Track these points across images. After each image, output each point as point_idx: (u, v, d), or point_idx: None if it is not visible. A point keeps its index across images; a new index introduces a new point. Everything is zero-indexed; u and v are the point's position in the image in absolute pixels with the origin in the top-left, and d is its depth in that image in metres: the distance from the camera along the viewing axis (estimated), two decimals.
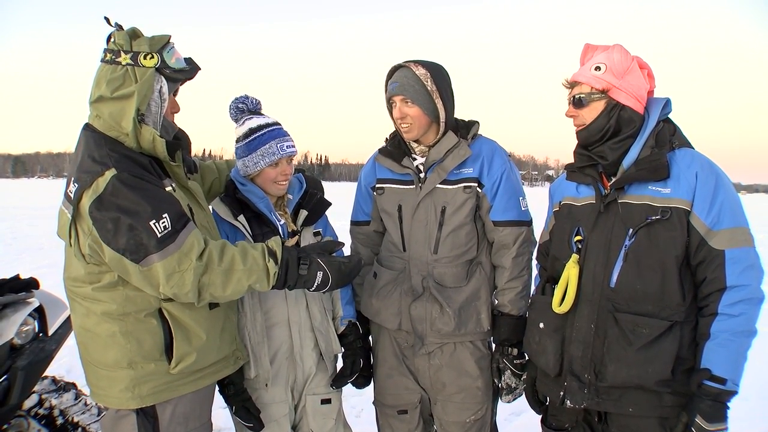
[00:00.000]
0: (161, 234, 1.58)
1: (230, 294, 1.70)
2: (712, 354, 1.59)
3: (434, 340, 2.11)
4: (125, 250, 1.58)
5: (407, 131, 2.07)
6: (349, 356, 2.20)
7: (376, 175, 2.24)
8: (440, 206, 2.07)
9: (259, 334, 2.02)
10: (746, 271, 1.59)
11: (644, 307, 1.66)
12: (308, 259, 1.80)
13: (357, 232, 2.37)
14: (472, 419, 2.14)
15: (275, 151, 2.02)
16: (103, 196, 1.57)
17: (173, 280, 1.60)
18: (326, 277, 1.82)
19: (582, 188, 1.86)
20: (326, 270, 1.82)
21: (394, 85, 2.04)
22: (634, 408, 1.69)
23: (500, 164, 2.10)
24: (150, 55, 1.68)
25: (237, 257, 1.68)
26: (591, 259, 1.75)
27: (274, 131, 2.04)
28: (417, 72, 2.03)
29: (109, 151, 1.63)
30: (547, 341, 1.83)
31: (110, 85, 1.66)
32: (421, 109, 2.04)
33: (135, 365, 1.68)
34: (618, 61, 1.73)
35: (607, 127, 1.73)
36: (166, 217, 1.60)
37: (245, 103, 2.08)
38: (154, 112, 1.73)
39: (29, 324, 2.52)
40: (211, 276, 1.64)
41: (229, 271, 1.67)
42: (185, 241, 1.61)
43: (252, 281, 1.70)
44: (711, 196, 1.62)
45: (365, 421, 3.44)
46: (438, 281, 2.08)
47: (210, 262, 1.64)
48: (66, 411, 2.80)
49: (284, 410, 2.08)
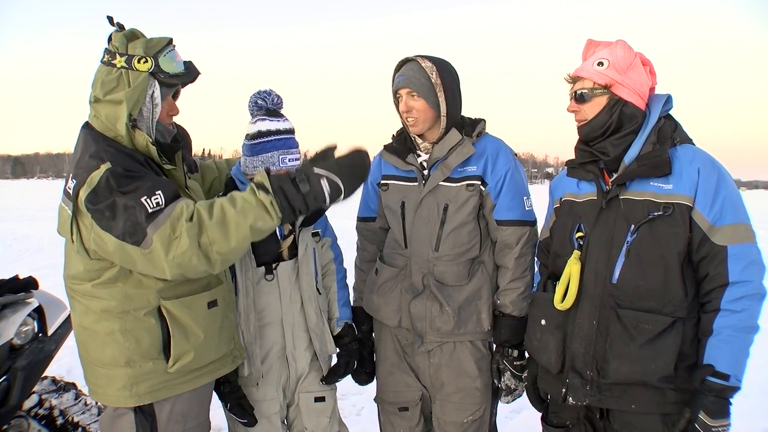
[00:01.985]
0: (152, 209, 1.55)
1: (236, 244, 1.59)
2: (715, 350, 1.58)
3: (434, 339, 2.11)
4: (124, 234, 1.55)
5: (413, 125, 2.07)
6: (343, 356, 2.20)
7: (381, 172, 2.23)
8: (443, 204, 2.07)
9: (252, 334, 2.02)
10: (749, 267, 1.59)
11: (646, 303, 1.66)
12: (303, 174, 1.61)
13: (364, 229, 2.37)
14: (469, 419, 2.13)
15: (276, 162, 1.97)
16: (97, 188, 1.56)
17: (172, 250, 1.55)
18: (334, 183, 1.61)
19: (583, 184, 1.85)
20: (328, 175, 1.61)
21: (400, 78, 2.04)
22: (636, 404, 1.69)
23: (504, 162, 2.09)
24: (144, 59, 1.65)
25: (225, 204, 1.59)
26: (593, 255, 1.75)
27: (281, 141, 1.98)
28: (423, 65, 2.02)
29: (106, 147, 1.63)
30: (549, 338, 1.82)
31: (104, 87, 1.65)
32: (427, 102, 2.03)
33: (133, 363, 1.68)
34: (621, 57, 1.72)
35: (609, 122, 1.73)
36: (159, 194, 1.57)
37: (266, 100, 2.00)
38: (147, 118, 1.71)
39: (29, 324, 2.51)
40: (209, 233, 1.57)
41: (222, 221, 1.58)
42: (174, 208, 1.57)
43: (251, 221, 1.58)
44: (713, 192, 1.61)
45: (366, 420, 3.44)
46: (438, 279, 2.07)
47: (201, 221, 1.58)
48: (66, 411, 2.80)
49: (275, 408, 2.08)
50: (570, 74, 1.82)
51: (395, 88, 2.07)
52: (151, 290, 1.68)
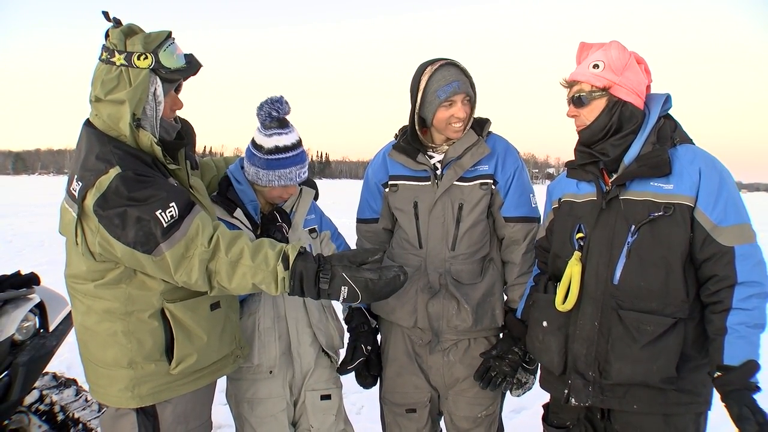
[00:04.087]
0: (167, 223, 1.54)
1: (235, 287, 1.61)
2: (733, 348, 1.56)
3: (450, 337, 2.12)
4: (135, 243, 1.54)
5: (459, 131, 2.06)
6: (350, 342, 2.19)
7: (388, 172, 2.21)
8: (457, 203, 2.08)
9: (269, 321, 2.03)
10: (756, 267, 1.59)
11: (648, 304, 1.66)
12: (330, 272, 1.59)
13: (364, 230, 2.34)
14: (483, 414, 2.15)
15: (293, 178, 2.00)
16: (107, 194, 1.54)
17: (182, 267, 1.57)
18: (353, 292, 1.60)
19: (582, 185, 1.85)
20: (352, 285, 1.59)
21: (456, 84, 1.99)
22: (638, 405, 1.69)
23: (513, 161, 2.13)
24: (144, 55, 1.61)
25: (246, 251, 1.59)
26: (594, 256, 1.75)
27: (297, 156, 2.00)
28: (465, 69, 2.03)
29: (113, 149, 1.60)
30: (551, 339, 1.82)
31: (104, 86, 1.62)
32: (472, 107, 2.06)
33: (135, 365, 1.67)
34: (616, 58, 1.72)
35: (610, 124, 1.73)
36: (174, 206, 1.56)
37: (279, 110, 1.97)
38: (150, 116, 1.67)
39: (30, 320, 2.51)
40: (217, 264, 1.59)
41: (235, 263, 1.58)
42: (190, 226, 1.57)
43: (257, 280, 1.59)
44: (716, 191, 1.61)
45: (366, 418, 3.45)
46: (455, 278, 2.09)
47: (216, 250, 1.58)
48: (67, 407, 2.81)
49: (282, 405, 2.08)
50: (566, 79, 1.82)
51: (449, 95, 1.99)
52: (154, 292, 1.67)
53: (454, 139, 2.09)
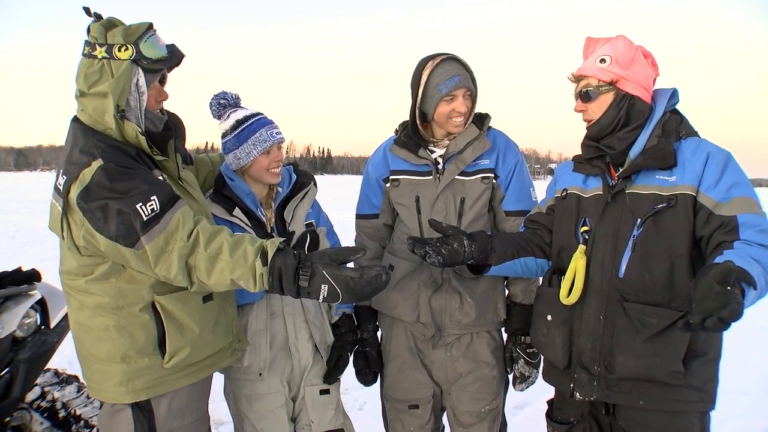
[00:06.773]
0: (147, 217, 1.54)
1: (214, 283, 1.58)
2: (732, 255, 1.38)
3: (453, 332, 2.12)
4: (117, 236, 1.54)
5: (460, 125, 2.06)
6: (337, 348, 2.17)
7: (389, 167, 2.20)
8: (459, 197, 2.08)
9: (261, 323, 2.03)
10: (762, 234, 1.49)
11: (653, 297, 1.64)
12: (310, 270, 1.54)
13: (364, 225, 2.33)
14: (486, 409, 2.15)
15: (266, 138, 2.02)
16: (90, 186, 1.54)
17: (161, 262, 1.56)
18: (333, 291, 1.53)
19: (590, 180, 1.84)
20: (332, 284, 1.54)
21: (457, 78, 1.99)
22: (644, 401, 1.67)
23: (513, 155, 2.14)
24: (124, 46, 1.61)
25: (225, 246, 1.56)
26: (599, 249, 1.74)
27: (260, 120, 2.05)
28: (466, 64, 2.03)
29: (96, 142, 1.61)
30: (555, 333, 1.81)
31: (87, 80, 1.63)
32: (474, 102, 2.07)
33: (128, 360, 1.67)
34: (623, 52, 1.71)
35: (618, 118, 1.72)
36: (155, 200, 1.56)
37: (226, 98, 2.08)
38: (134, 107, 1.68)
39: (31, 316, 2.51)
40: (196, 259, 1.57)
41: (213, 258, 1.55)
42: (170, 221, 1.56)
43: (235, 276, 1.55)
44: (719, 173, 1.59)
45: (368, 414, 3.45)
46: (458, 272, 2.08)
47: (196, 245, 1.57)
48: (68, 404, 2.81)
49: (280, 401, 2.07)
50: (573, 74, 1.81)
51: (451, 89, 1.98)
52: (144, 286, 1.67)
53: (454, 133, 2.08)
